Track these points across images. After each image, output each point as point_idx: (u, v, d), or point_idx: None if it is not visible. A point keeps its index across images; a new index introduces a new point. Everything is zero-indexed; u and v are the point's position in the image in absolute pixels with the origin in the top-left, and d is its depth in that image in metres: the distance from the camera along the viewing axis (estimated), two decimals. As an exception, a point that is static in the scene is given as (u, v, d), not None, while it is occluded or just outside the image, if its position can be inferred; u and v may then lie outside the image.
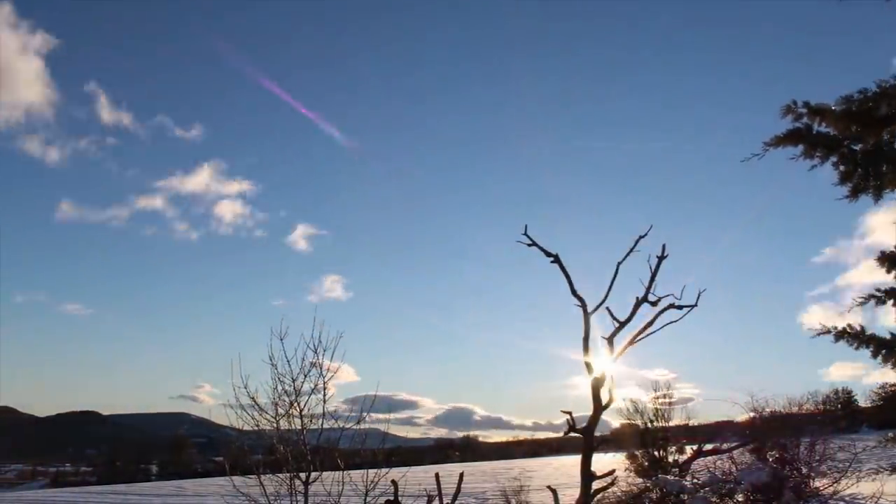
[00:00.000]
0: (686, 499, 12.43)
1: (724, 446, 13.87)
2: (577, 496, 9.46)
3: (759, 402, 14.45)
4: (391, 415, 10.79)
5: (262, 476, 9.06)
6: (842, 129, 7.60)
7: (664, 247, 9.80)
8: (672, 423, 16.24)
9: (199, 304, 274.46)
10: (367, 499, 9.06)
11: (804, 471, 12.64)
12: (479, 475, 35.91)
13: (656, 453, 15.50)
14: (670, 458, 15.28)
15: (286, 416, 9.23)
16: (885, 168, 7.63)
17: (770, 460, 12.74)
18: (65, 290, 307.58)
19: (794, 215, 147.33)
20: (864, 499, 12.36)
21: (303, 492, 8.93)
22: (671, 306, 9.71)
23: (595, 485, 9.54)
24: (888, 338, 8.00)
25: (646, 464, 15.31)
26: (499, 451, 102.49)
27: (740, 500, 12.20)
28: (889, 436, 10.07)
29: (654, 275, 9.79)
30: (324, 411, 9.24)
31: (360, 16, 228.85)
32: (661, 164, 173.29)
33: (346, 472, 9.22)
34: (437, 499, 9.77)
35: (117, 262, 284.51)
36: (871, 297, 8.22)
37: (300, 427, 9.24)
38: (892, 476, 10.82)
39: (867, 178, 7.73)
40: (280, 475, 9.05)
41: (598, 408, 9.62)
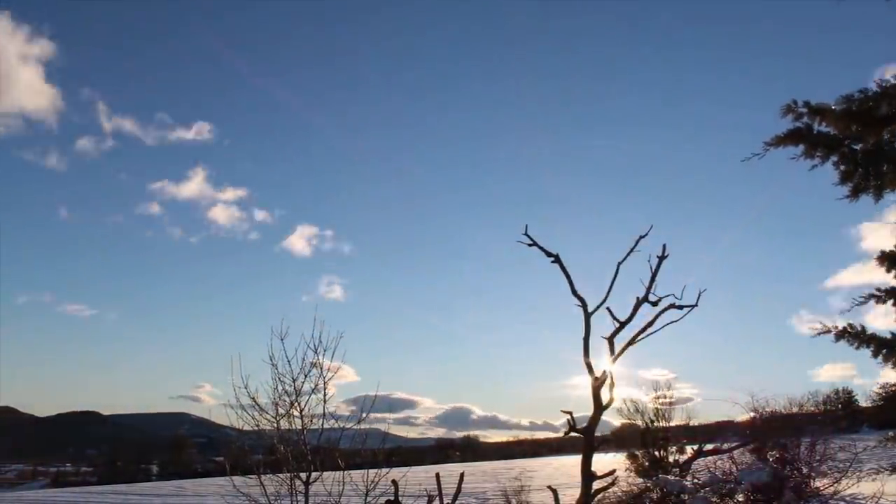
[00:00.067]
0: (686, 499, 12.43)
1: (725, 446, 13.86)
2: (578, 496, 9.47)
3: (759, 402, 14.45)
4: (391, 414, 10.82)
5: (263, 476, 9.06)
6: (842, 128, 7.59)
7: (664, 247, 9.83)
8: (672, 423, 16.22)
9: (200, 304, 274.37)
10: (368, 499, 9.06)
11: (805, 471, 12.63)
12: (480, 475, 35.90)
13: (657, 453, 15.49)
14: (671, 458, 15.26)
15: (286, 416, 9.24)
16: (885, 168, 7.63)
17: (770, 460, 12.73)
18: (65, 290, 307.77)
19: (794, 215, 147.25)
20: (864, 499, 12.35)
21: (303, 492, 8.93)
22: (672, 306, 9.72)
23: (596, 485, 9.55)
24: (888, 337, 8.00)
25: (646, 464, 15.30)
26: (499, 451, 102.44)
27: (741, 500, 12.20)
28: (889, 435, 10.06)
29: (654, 275, 9.80)
30: (324, 411, 9.25)
31: (359, 15, 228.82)
32: (662, 163, 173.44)
33: (346, 472, 9.22)
34: (437, 499, 9.77)
35: (118, 263, 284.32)
36: (871, 296, 8.22)
37: (300, 427, 9.25)
38: (893, 476, 10.81)
39: (867, 178, 7.73)
40: (280, 475, 9.05)
41: (598, 408, 9.63)
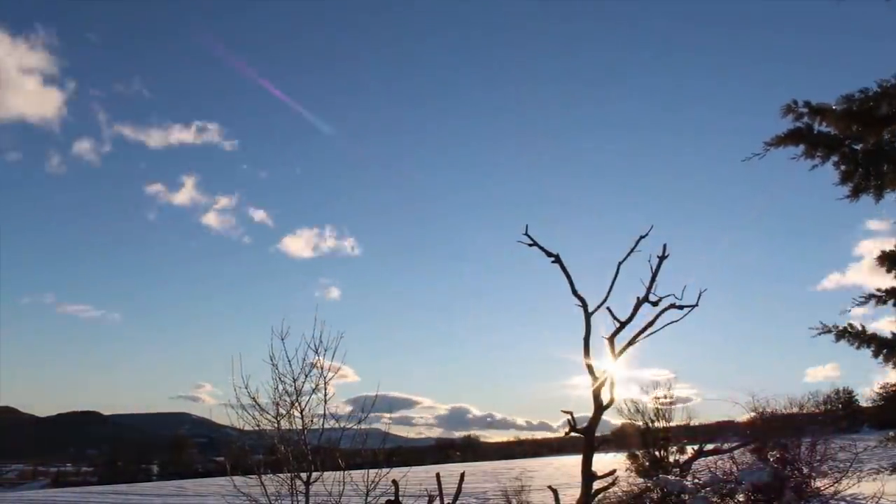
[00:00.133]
0: (687, 499, 12.43)
1: (725, 446, 13.86)
2: (578, 496, 9.47)
3: (759, 402, 14.46)
4: (391, 414, 10.82)
5: (263, 476, 9.06)
6: (842, 128, 7.59)
7: (665, 247, 9.82)
8: (673, 423, 16.22)
9: (200, 304, 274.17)
10: (368, 499, 9.06)
11: (805, 471, 12.63)
12: (480, 475, 35.89)
13: (657, 453, 15.48)
14: (671, 458, 15.26)
15: (287, 416, 9.24)
16: (885, 168, 7.63)
17: (771, 460, 12.73)
18: (66, 290, 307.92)
19: (795, 215, 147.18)
20: (865, 499, 12.35)
21: (304, 492, 8.93)
22: (672, 306, 9.72)
23: (596, 485, 9.55)
24: (889, 337, 8.00)
25: (647, 464, 15.29)
26: (499, 451, 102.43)
27: (741, 500, 12.20)
28: (890, 435, 10.07)
29: (654, 275, 9.80)
30: (324, 411, 9.25)
31: (361, 20, 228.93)
32: (662, 164, 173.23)
33: (346, 472, 9.22)
34: (437, 499, 9.78)
35: (118, 263, 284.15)
36: (871, 296, 8.22)
37: (301, 427, 9.25)
38: (893, 476, 10.80)
39: (868, 178, 7.73)
40: (281, 475, 9.05)
41: (598, 408, 9.64)
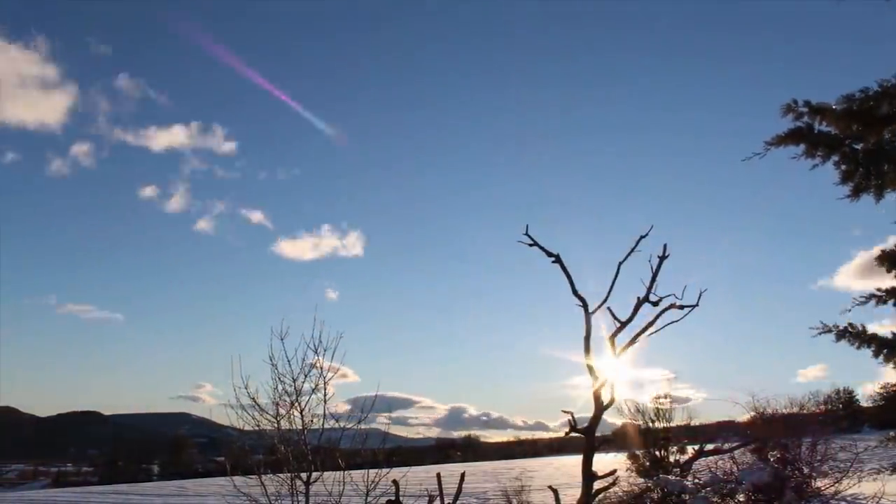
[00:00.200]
0: (687, 499, 12.42)
1: (726, 446, 13.84)
2: (579, 496, 9.46)
3: (760, 402, 14.44)
4: (392, 413, 10.82)
5: (263, 476, 9.06)
6: (843, 128, 7.58)
7: (665, 247, 9.82)
8: (673, 423, 16.20)
9: (201, 305, 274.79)
10: (368, 499, 9.06)
11: (806, 471, 12.61)
12: (481, 475, 35.88)
13: (658, 453, 15.47)
14: (672, 458, 15.24)
15: (287, 417, 9.23)
16: (886, 167, 7.62)
17: (771, 460, 12.71)
18: (67, 291, 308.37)
19: (795, 215, 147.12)
20: (865, 499, 12.34)
21: (304, 492, 8.92)
22: (672, 306, 9.72)
23: (596, 485, 9.55)
24: (889, 337, 7.99)
25: (647, 464, 15.28)
26: (500, 451, 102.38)
27: (742, 500, 12.18)
28: (890, 435, 10.06)
29: (655, 275, 9.79)
30: (324, 411, 9.24)
31: (366, 24, 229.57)
32: (662, 164, 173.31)
33: (347, 472, 9.21)
34: (438, 499, 9.78)
35: (119, 264, 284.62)
36: (871, 296, 8.20)
37: (301, 427, 9.24)
38: (894, 476, 10.80)
39: (868, 178, 7.72)
40: (281, 475, 9.04)
41: (599, 408, 9.63)
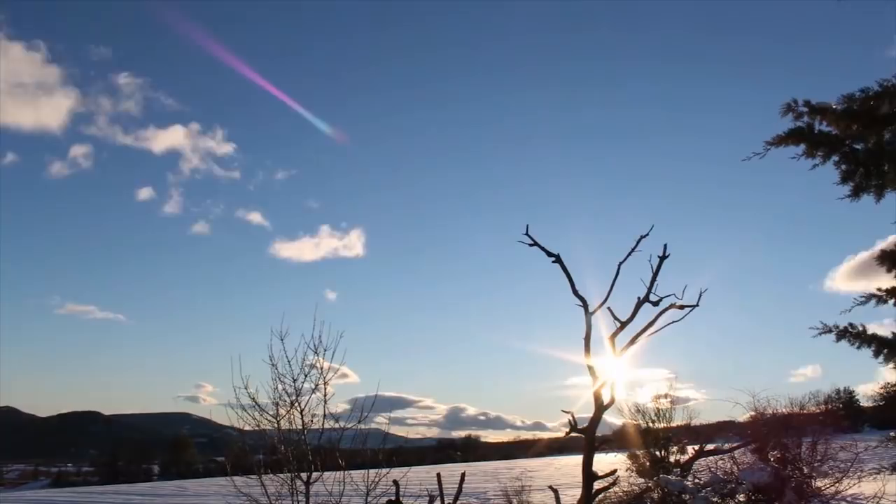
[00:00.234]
0: (688, 499, 12.41)
1: (726, 446, 13.83)
2: (579, 496, 9.47)
3: (760, 402, 14.42)
4: (391, 413, 10.80)
5: (264, 476, 9.07)
6: (843, 128, 7.57)
7: (665, 247, 9.82)
8: (674, 423, 16.19)
9: (201, 305, 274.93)
10: (369, 499, 9.07)
11: (806, 471, 12.60)
12: (481, 475, 35.86)
13: (658, 453, 15.46)
14: (672, 458, 15.23)
15: (287, 417, 9.24)
16: (886, 167, 7.61)
17: (772, 460, 12.70)
18: (68, 292, 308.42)
19: (795, 215, 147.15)
20: (866, 499, 12.32)
21: (304, 492, 8.93)
22: (672, 306, 9.72)
23: (597, 485, 9.56)
24: (889, 337, 7.97)
25: (647, 464, 15.27)
26: (500, 451, 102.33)
27: (742, 500, 12.17)
28: (891, 435, 10.03)
29: (655, 275, 9.80)
30: (324, 411, 9.25)
31: (363, 21, 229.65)
32: (663, 164, 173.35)
33: (347, 472, 9.22)
34: (438, 498, 9.79)
35: (119, 265, 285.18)
36: (872, 296, 8.19)
37: (301, 427, 9.25)
38: (894, 475, 10.79)
39: (869, 178, 7.71)
40: (281, 475, 9.05)
41: (599, 408, 9.64)
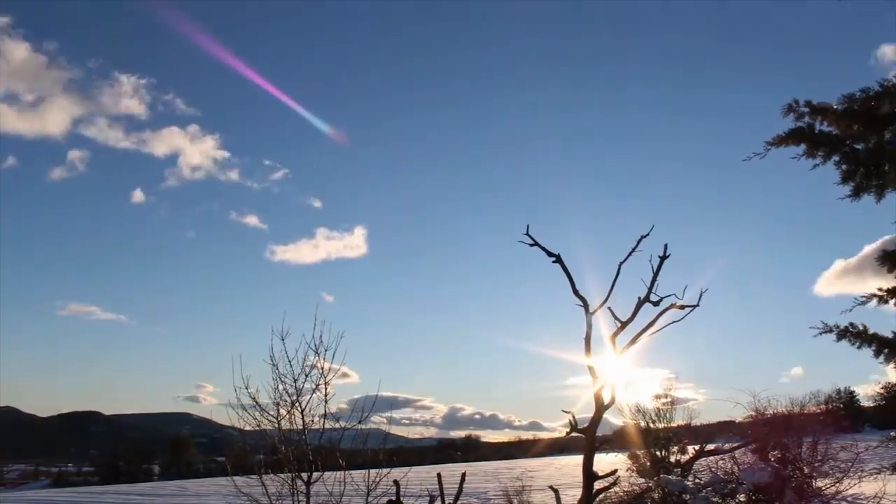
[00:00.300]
0: (688, 499, 12.41)
1: (727, 446, 13.82)
2: (580, 496, 9.47)
3: (760, 402, 14.41)
4: (392, 413, 10.81)
5: (264, 476, 9.06)
6: (844, 128, 7.58)
7: (666, 247, 9.81)
8: (674, 423, 16.18)
9: (202, 305, 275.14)
10: (369, 499, 9.07)
11: (806, 471, 12.60)
12: (481, 475, 35.86)
13: (658, 453, 15.46)
14: (672, 458, 15.23)
15: (287, 417, 9.24)
16: (887, 167, 7.61)
17: (772, 460, 12.70)
18: (68, 292, 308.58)
19: (796, 215, 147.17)
20: (866, 499, 12.31)
21: (304, 492, 8.93)
22: (673, 306, 9.72)
23: (597, 485, 9.55)
24: (890, 337, 7.98)
25: (648, 464, 15.27)
26: (500, 451, 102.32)
27: (742, 500, 12.17)
28: (892, 435, 10.04)
29: (655, 275, 9.79)
30: (325, 411, 9.25)
31: (363, 21, 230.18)
32: (663, 164, 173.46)
33: (347, 472, 9.22)
34: (439, 498, 9.79)
35: (120, 265, 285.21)
36: (872, 296, 8.19)
37: (302, 427, 9.25)
38: (895, 476, 10.79)
39: (869, 178, 7.71)
40: (282, 475, 9.05)
41: (599, 408, 9.63)
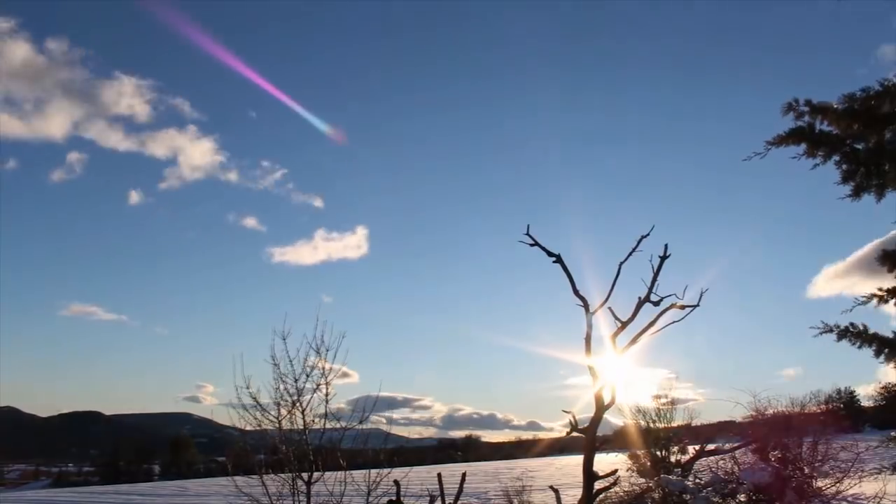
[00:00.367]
0: (689, 499, 12.41)
1: (727, 446, 13.82)
2: (580, 496, 9.47)
3: (761, 402, 14.40)
4: (392, 412, 10.84)
5: (265, 476, 9.07)
6: (844, 127, 7.56)
7: (666, 247, 9.81)
8: (674, 423, 16.17)
9: (203, 306, 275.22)
10: (370, 498, 9.07)
11: (807, 471, 12.59)
12: (482, 475, 35.85)
13: (659, 453, 15.45)
14: (673, 458, 15.23)
15: (288, 417, 9.24)
16: (887, 167, 7.60)
17: (772, 460, 12.69)
18: (69, 293, 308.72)
19: (796, 217, 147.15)
20: (866, 499, 12.31)
21: (305, 492, 8.93)
22: (673, 306, 9.72)
23: (597, 485, 9.56)
24: (890, 337, 7.97)
25: (648, 464, 15.27)
26: (501, 451, 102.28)
27: (743, 500, 12.17)
28: (892, 435, 10.04)
29: (656, 275, 9.79)
30: (326, 411, 9.26)
31: (363, 21, 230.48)
32: (664, 164, 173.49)
33: (348, 472, 9.22)
34: (439, 498, 9.79)
35: (121, 265, 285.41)
36: (873, 296, 8.18)
37: (302, 427, 9.25)
38: (895, 476, 10.79)
39: (869, 177, 7.70)
40: (282, 475, 9.05)
41: (599, 408, 9.64)
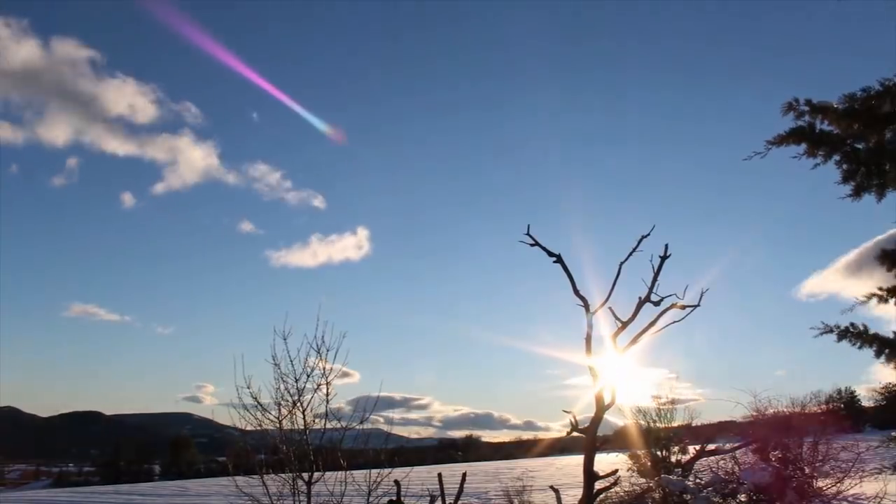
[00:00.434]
0: (689, 499, 12.41)
1: (727, 446, 13.82)
2: (580, 496, 9.47)
3: (761, 402, 14.40)
4: (392, 412, 10.85)
5: (266, 476, 9.07)
6: (844, 127, 7.56)
7: (666, 247, 9.82)
8: (675, 423, 16.17)
9: (203, 306, 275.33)
10: (370, 499, 9.07)
11: (807, 471, 12.59)
12: (482, 475, 35.86)
13: (659, 453, 15.46)
14: (673, 458, 15.23)
15: (289, 416, 9.25)
16: (888, 167, 7.60)
17: (773, 460, 12.70)
18: (68, 291, 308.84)
19: (796, 217, 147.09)
20: (867, 499, 12.31)
21: (306, 492, 8.93)
22: (674, 306, 9.72)
23: (598, 485, 9.56)
24: (891, 337, 7.97)
25: (648, 464, 15.27)
26: (501, 451, 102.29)
27: (743, 500, 12.17)
28: (892, 435, 10.04)
29: (656, 275, 9.80)
30: (326, 411, 9.26)
31: (363, 21, 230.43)
32: (664, 164, 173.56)
33: (348, 471, 9.22)
34: (439, 498, 9.79)
35: (121, 265, 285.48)
36: (872, 296, 8.19)
37: (303, 427, 9.25)
38: (895, 475, 10.79)
39: (870, 177, 7.70)
40: (283, 475, 9.05)
41: (600, 408, 9.64)
